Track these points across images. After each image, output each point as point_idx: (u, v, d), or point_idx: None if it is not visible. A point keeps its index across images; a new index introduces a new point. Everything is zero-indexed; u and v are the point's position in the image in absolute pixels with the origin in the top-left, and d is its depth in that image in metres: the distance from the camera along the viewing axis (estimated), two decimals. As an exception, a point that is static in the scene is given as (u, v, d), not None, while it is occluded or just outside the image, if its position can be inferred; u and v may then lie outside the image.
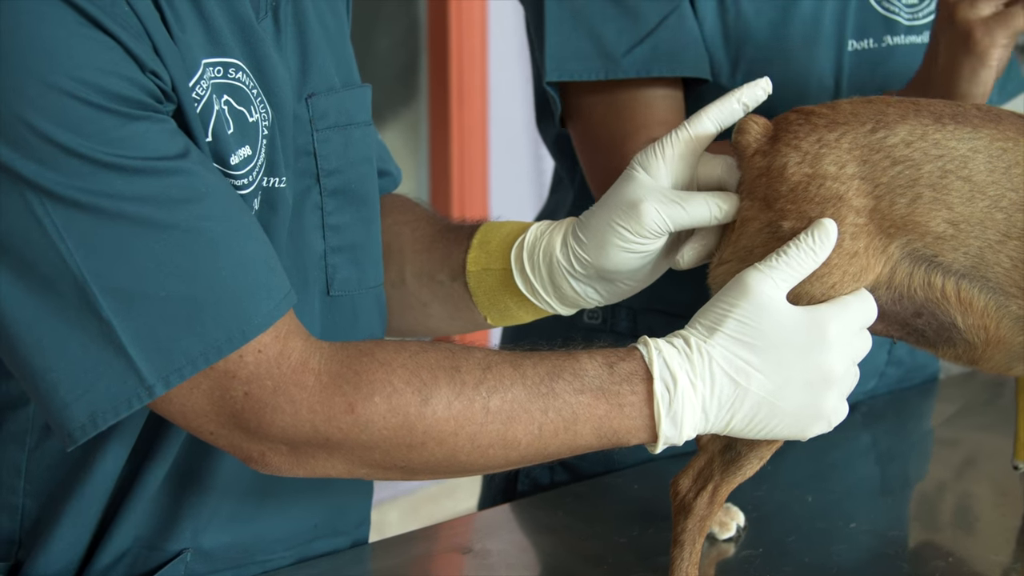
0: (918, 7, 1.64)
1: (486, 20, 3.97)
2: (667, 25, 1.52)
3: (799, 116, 1.20)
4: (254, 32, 1.18)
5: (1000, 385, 1.86)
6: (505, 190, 4.02)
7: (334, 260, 1.31)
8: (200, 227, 1.07)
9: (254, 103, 1.17)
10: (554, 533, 1.42)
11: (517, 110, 3.94)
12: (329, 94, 1.29)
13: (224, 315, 1.08)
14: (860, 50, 1.62)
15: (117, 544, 1.24)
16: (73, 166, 1.03)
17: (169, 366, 1.07)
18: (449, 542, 1.44)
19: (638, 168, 1.23)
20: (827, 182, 1.16)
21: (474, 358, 1.15)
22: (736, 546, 1.36)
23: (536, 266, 1.30)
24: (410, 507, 3.80)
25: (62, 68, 1.02)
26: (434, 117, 3.99)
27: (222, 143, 1.13)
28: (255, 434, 1.11)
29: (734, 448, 1.21)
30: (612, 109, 1.53)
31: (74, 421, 1.07)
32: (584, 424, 1.15)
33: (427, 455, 1.13)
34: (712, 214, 1.21)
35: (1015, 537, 1.40)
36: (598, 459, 1.61)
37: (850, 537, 1.37)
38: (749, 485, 1.27)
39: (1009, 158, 1.16)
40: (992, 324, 1.18)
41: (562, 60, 1.53)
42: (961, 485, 1.57)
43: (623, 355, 1.17)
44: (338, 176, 1.30)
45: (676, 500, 1.23)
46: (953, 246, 1.16)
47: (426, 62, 3.99)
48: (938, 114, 1.17)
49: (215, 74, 1.13)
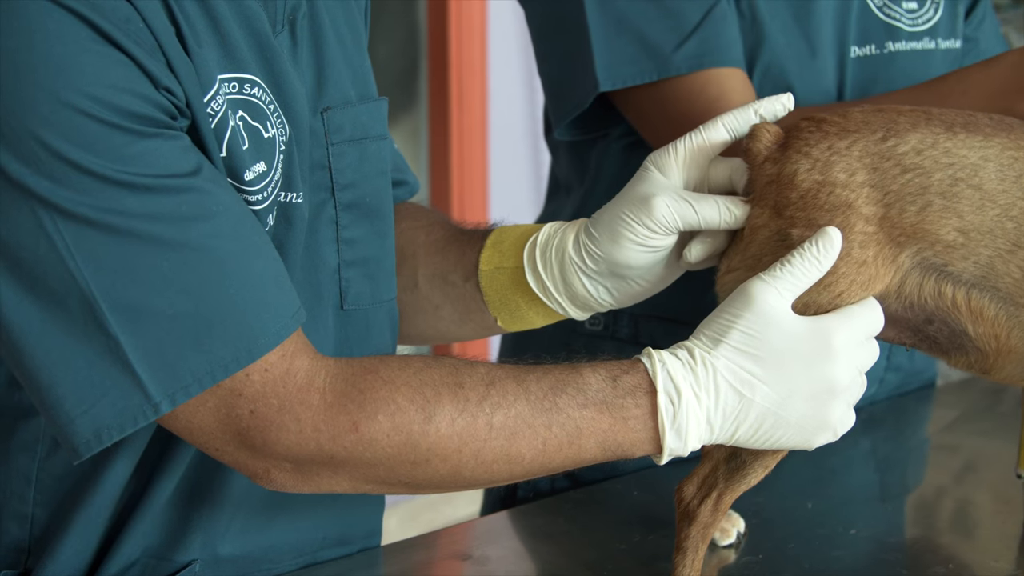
0: (919, 13, 1.65)
1: (486, 26, 3.97)
2: (711, 19, 1.53)
3: (810, 124, 1.20)
4: (271, 47, 1.18)
5: (999, 392, 1.86)
6: (505, 196, 4.02)
7: (348, 274, 1.31)
8: (209, 245, 1.07)
9: (271, 118, 1.17)
10: (553, 540, 1.42)
11: (517, 116, 3.95)
12: (345, 108, 1.29)
13: (231, 334, 1.08)
14: (863, 56, 1.62)
15: (126, 554, 1.24)
16: (84, 183, 1.03)
17: (175, 384, 1.07)
18: (448, 549, 1.44)
19: (651, 167, 1.24)
20: (837, 189, 1.16)
21: (477, 374, 1.15)
22: (736, 552, 1.36)
23: (548, 263, 1.30)
24: (409, 514, 3.79)
25: (75, 85, 1.02)
26: (434, 123, 4.00)
27: (236, 159, 1.13)
28: (260, 452, 1.11)
29: (739, 456, 1.20)
30: (681, 94, 1.53)
31: (79, 436, 1.07)
32: (588, 438, 1.15)
33: (431, 472, 1.13)
34: (722, 216, 1.21)
35: (1016, 544, 1.40)
36: (599, 466, 1.60)
37: (850, 543, 1.37)
38: (749, 491, 1.27)
39: (1020, 167, 1.15)
40: (1003, 334, 1.17)
41: (613, 67, 1.53)
42: (960, 491, 1.57)
43: (627, 368, 1.17)
44: (353, 190, 1.30)
45: (680, 507, 1.23)
46: (963, 255, 1.16)
47: (426, 68, 3.99)
48: (949, 123, 1.17)
49: (231, 90, 1.13)
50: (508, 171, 4.05)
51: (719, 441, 1.16)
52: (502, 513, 1.52)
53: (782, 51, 1.58)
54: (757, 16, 1.57)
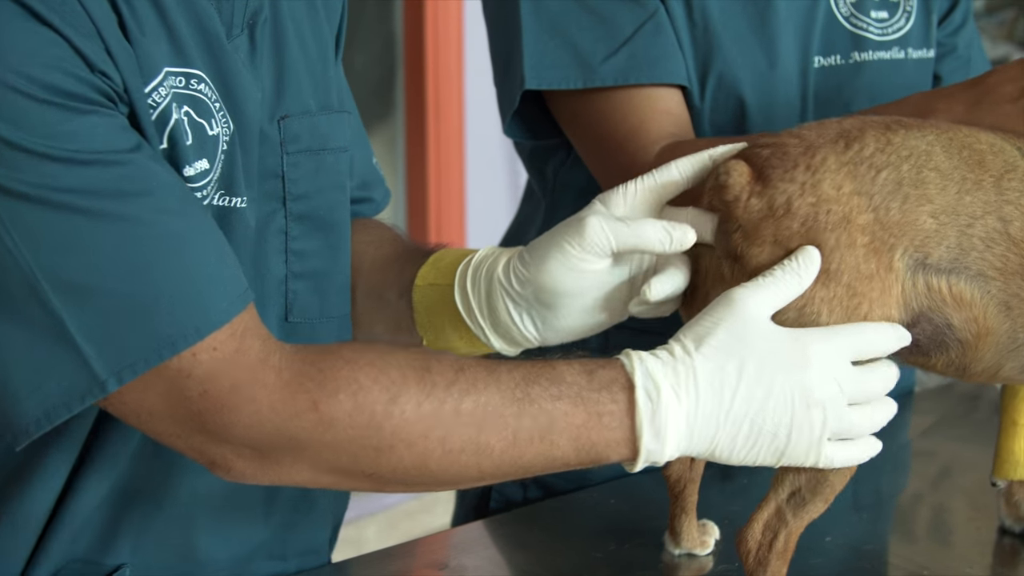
0: (889, 22, 1.65)
1: (462, 35, 3.97)
2: (643, 33, 1.52)
3: (771, 149, 1.19)
4: (221, 47, 1.17)
5: (976, 398, 1.86)
6: (482, 204, 4.02)
7: (295, 286, 1.29)
8: (152, 220, 1.05)
9: (215, 116, 1.16)
10: (530, 549, 1.42)
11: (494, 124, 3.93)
12: (303, 117, 1.27)
13: (177, 311, 1.05)
14: (827, 67, 1.61)
15: (54, 557, 1.21)
16: (18, 160, 1.02)
17: (121, 361, 1.05)
18: (425, 558, 1.43)
19: (599, 203, 1.22)
20: (832, 206, 1.16)
21: (446, 360, 1.11)
22: (713, 560, 1.36)
23: (477, 283, 1.27)
24: (387, 523, 3.79)
25: (4, 62, 1.01)
26: (411, 132, 4.00)
27: (179, 153, 1.12)
28: (216, 436, 1.08)
29: (799, 493, 1.19)
30: (608, 109, 1.52)
31: (27, 415, 1.06)
32: (561, 434, 1.11)
33: (396, 460, 1.09)
34: (660, 238, 1.18)
35: (990, 550, 1.41)
36: (571, 476, 1.61)
37: (825, 551, 1.37)
38: (724, 500, 1.27)
39: (958, 144, 1.19)
40: (980, 314, 1.19)
41: (541, 69, 1.53)
42: (937, 498, 1.58)
43: (603, 363, 1.13)
44: (306, 201, 1.28)
45: (749, 557, 1.20)
46: (937, 241, 1.17)
47: (402, 77, 3.99)
48: (884, 124, 1.20)
49: (177, 84, 1.13)
50: (485, 180, 4.05)
51: (696, 452, 1.13)
52: (478, 523, 1.52)
53: (735, 61, 1.56)
54: (709, 25, 1.56)
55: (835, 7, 1.62)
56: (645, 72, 1.51)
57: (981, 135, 1.22)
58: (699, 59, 1.56)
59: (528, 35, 1.53)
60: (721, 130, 1.57)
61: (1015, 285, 1.18)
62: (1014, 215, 1.18)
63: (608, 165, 1.52)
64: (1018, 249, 1.18)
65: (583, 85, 1.51)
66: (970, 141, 1.20)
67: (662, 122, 1.49)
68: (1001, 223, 1.17)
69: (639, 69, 1.51)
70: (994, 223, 1.17)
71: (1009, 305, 1.18)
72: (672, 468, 1.32)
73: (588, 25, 1.52)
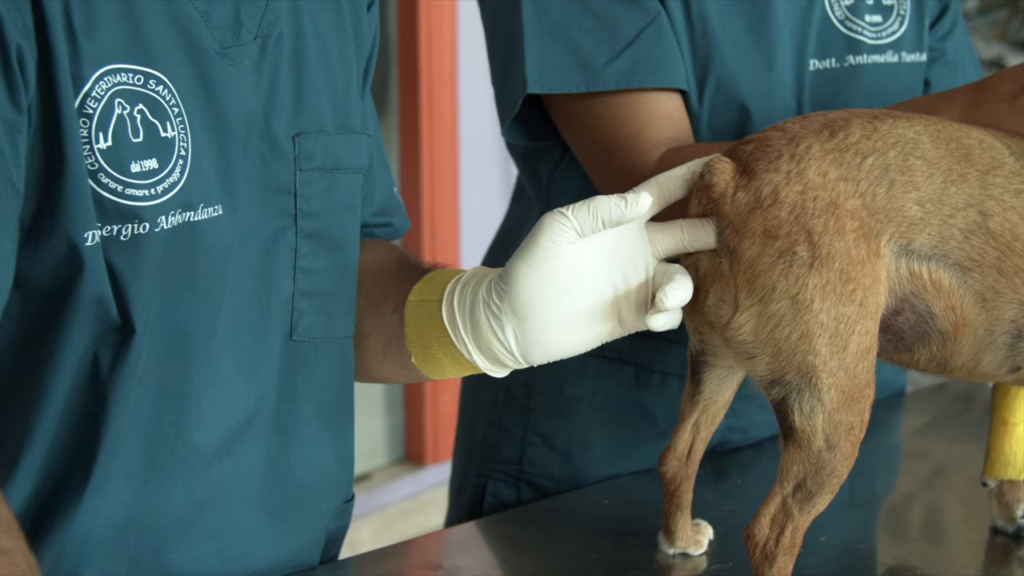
0: (883, 26, 1.65)
1: (456, 36, 3.98)
2: (645, 37, 1.52)
3: (756, 145, 1.20)
4: (202, 51, 1.18)
5: (969, 398, 1.87)
6: (475, 205, 4.02)
7: (301, 304, 1.29)
8: None
9: (172, 120, 1.16)
10: (524, 549, 1.42)
11: (487, 126, 3.95)
12: (318, 135, 1.28)
13: None
14: (822, 70, 1.61)
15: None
16: None
17: None
18: (419, 559, 1.43)
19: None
20: (819, 192, 1.16)
21: None
22: (707, 560, 1.37)
23: (463, 298, 1.26)
24: (382, 523, 3.79)
25: None
26: (404, 132, 3.99)
27: (124, 148, 1.13)
28: None
29: (804, 487, 1.19)
30: (609, 113, 1.52)
31: None
32: None
33: None
34: (615, 203, 1.19)
35: (983, 550, 1.41)
36: (564, 478, 1.61)
37: (819, 551, 1.38)
38: (718, 499, 1.27)
39: (945, 136, 1.21)
40: (958, 303, 1.20)
41: (543, 72, 1.52)
42: (930, 497, 1.58)
43: None
44: (317, 219, 1.28)
45: (756, 550, 1.20)
46: (921, 228, 1.18)
47: (396, 78, 3.99)
48: (871, 114, 1.22)
49: (132, 80, 1.13)
50: (479, 181, 4.05)
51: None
52: (472, 523, 1.52)
53: (734, 64, 1.57)
54: (708, 29, 1.56)
55: (830, 10, 1.62)
56: (647, 76, 1.51)
57: (972, 131, 1.23)
58: (698, 63, 1.56)
59: (530, 38, 1.53)
60: (720, 134, 1.57)
61: (991, 278, 1.19)
62: (995, 210, 1.19)
63: (607, 169, 1.52)
64: (996, 243, 1.19)
65: (585, 89, 1.51)
66: (959, 135, 1.22)
67: (662, 127, 1.49)
68: (981, 216, 1.19)
69: (641, 73, 1.51)
70: (975, 216, 1.19)
71: (985, 297, 1.20)
72: (668, 465, 1.32)
73: (590, 28, 1.52)
